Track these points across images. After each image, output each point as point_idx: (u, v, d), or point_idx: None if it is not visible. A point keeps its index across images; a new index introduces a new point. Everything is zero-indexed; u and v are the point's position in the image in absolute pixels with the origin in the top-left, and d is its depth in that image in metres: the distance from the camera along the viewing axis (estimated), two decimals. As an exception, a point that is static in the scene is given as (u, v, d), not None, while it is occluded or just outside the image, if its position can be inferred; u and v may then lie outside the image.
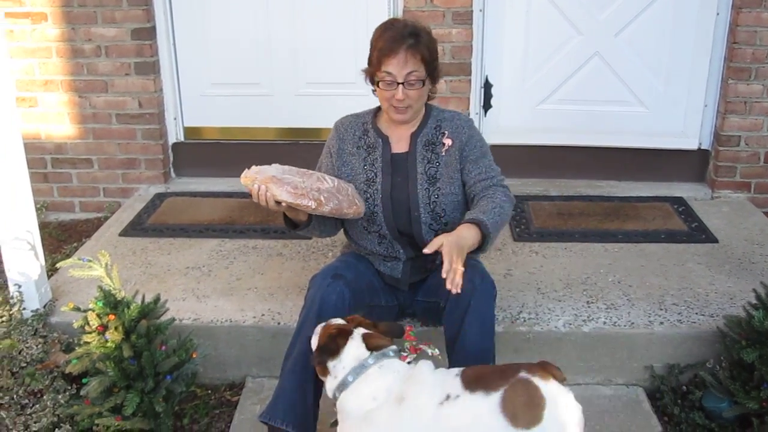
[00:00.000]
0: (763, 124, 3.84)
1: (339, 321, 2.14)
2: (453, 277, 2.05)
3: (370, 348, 2.02)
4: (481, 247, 2.24)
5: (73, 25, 3.89)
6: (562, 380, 1.94)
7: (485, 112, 4.09)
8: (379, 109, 2.56)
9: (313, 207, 2.28)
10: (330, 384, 2.04)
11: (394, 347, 2.06)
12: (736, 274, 3.08)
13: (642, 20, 3.89)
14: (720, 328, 2.65)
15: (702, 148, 4.05)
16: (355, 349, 2.02)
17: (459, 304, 2.27)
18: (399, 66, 2.33)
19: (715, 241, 3.40)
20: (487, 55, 3.99)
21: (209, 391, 2.77)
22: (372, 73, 2.42)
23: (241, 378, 2.80)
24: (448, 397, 1.91)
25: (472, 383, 1.92)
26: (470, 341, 2.26)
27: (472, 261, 2.46)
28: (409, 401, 1.93)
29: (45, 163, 4.15)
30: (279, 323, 2.74)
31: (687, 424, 2.53)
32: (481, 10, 3.88)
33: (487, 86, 4.05)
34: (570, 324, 2.71)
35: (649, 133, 4.05)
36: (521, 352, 2.70)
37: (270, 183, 2.26)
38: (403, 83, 2.34)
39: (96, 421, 2.37)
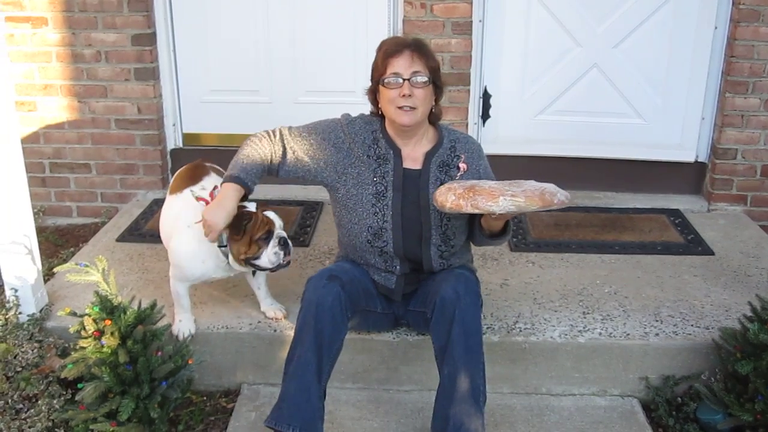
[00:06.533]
0: (759, 138, 3.86)
1: None
2: None
3: None
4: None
5: (74, 30, 3.90)
6: None
7: (484, 122, 4.10)
8: (384, 121, 2.53)
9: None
10: None
11: None
12: (732, 286, 3.09)
13: (640, 33, 3.91)
14: (715, 340, 2.65)
15: (699, 160, 4.06)
16: None
17: (444, 314, 2.29)
18: (405, 64, 2.35)
19: (711, 253, 3.41)
20: (486, 66, 4.01)
21: (204, 398, 2.76)
22: (377, 80, 2.42)
23: (237, 385, 2.80)
24: None
25: None
26: (458, 353, 2.27)
27: (458, 271, 2.47)
28: None
29: (43, 167, 4.15)
30: (275, 330, 2.74)
31: (682, 436, 2.54)
32: (480, 21, 3.89)
33: (486, 96, 4.07)
34: (566, 334, 2.72)
35: (646, 145, 4.06)
36: (517, 362, 2.71)
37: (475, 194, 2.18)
38: (408, 80, 2.35)
39: (91, 427, 2.36)
